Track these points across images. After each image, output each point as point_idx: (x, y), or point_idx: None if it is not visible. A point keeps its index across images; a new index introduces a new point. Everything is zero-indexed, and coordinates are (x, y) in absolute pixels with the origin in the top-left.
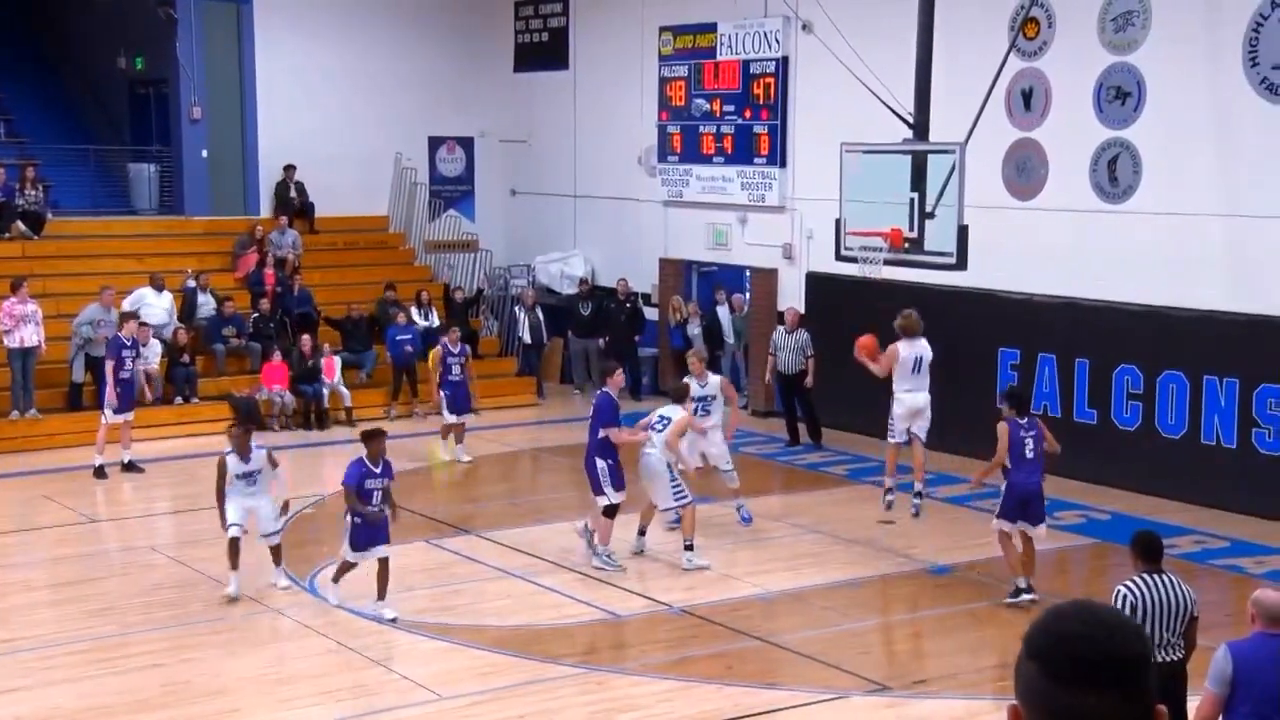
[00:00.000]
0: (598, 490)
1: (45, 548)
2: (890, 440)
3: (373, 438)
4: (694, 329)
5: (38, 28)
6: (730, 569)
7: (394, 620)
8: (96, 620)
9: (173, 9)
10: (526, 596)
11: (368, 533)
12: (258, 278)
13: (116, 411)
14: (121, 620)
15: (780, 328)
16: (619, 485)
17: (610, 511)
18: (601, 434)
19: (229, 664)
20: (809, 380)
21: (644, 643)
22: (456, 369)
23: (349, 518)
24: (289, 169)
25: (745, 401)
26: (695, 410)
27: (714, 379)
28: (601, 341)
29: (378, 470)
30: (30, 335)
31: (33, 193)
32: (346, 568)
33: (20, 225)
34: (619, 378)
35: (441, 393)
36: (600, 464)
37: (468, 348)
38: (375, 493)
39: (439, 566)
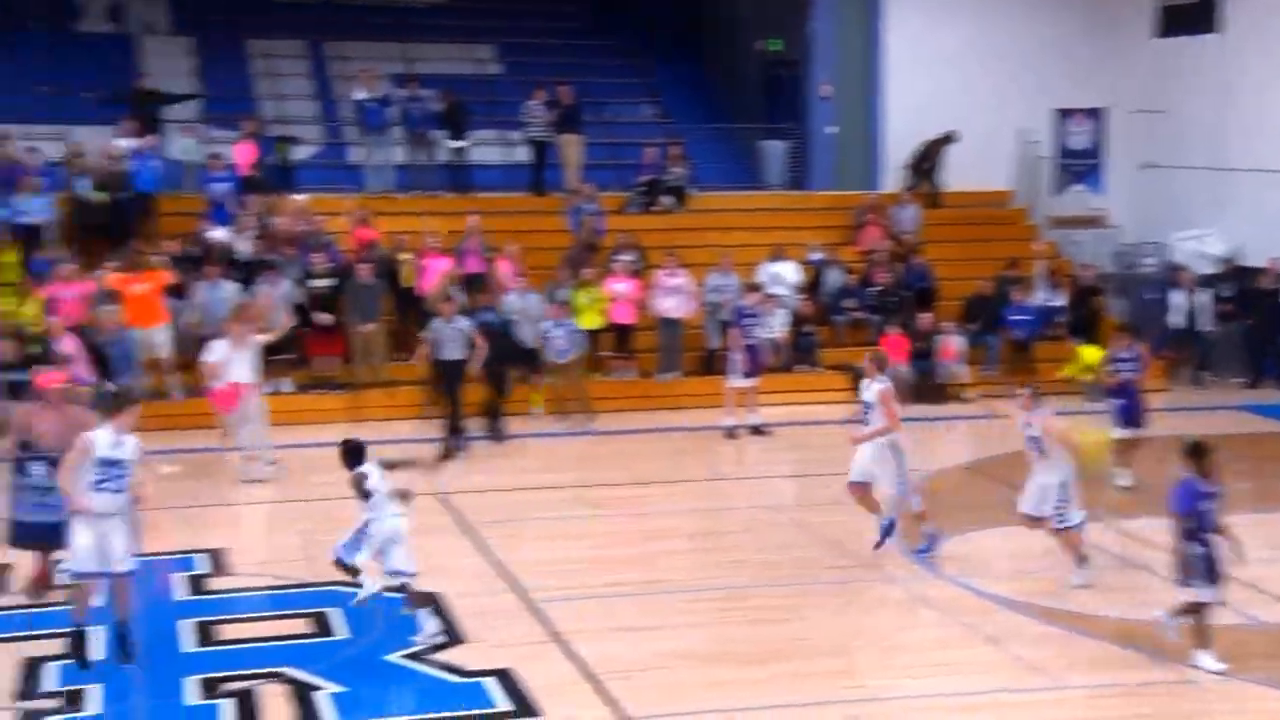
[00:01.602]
0: None
1: (683, 499)
2: None
3: (1202, 453)
4: None
5: (689, 15)
6: None
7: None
8: (727, 571)
9: None
10: (1147, 591)
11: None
12: (878, 253)
13: (744, 376)
14: (749, 573)
15: None
16: None
17: None
18: None
19: (841, 626)
20: None
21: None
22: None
23: (1190, 545)
24: (942, 141)
25: None
26: None
27: None
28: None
29: (1212, 489)
30: (677, 306)
31: (678, 169)
32: (1197, 609)
33: (666, 199)
34: None
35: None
36: None
37: (1139, 349)
38: (1209, 514)
39: (1055, 550)
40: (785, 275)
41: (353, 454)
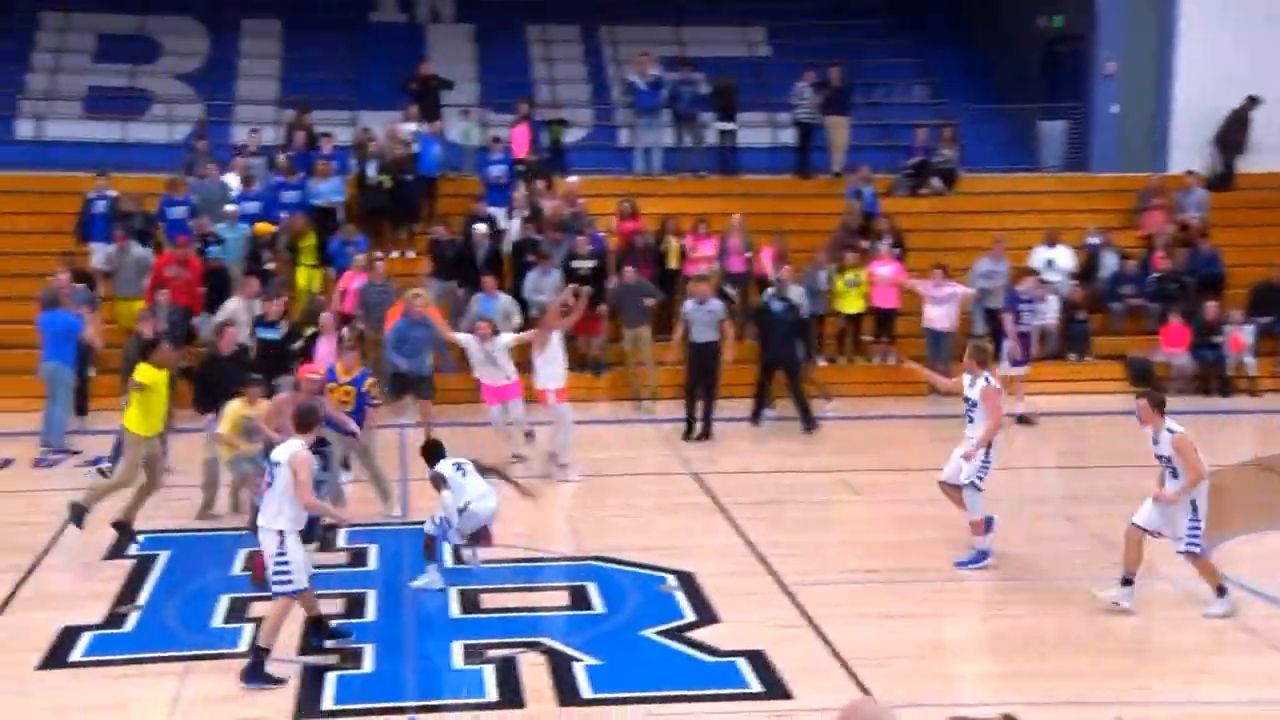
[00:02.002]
0: None
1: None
2: None
3: None
4: None
5: None
6: None
7: None
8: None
9: None
10: None
11: None
12: (1159, 237)
13: (1014, 364)
14: (1010, 566)
15: None
16: None
17: None
18: None
19: (1105, 624)
20: None
21: None
22: None
23: None
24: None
25: None
26: None
27: None
28: None
29: None
30: (944, 316)
31: (948, 151)
32: None
33: (936, 181)
34: None
35: None
36: None
37: None
38: None
39: None
40: (1060, 260)
41: (431, 453)
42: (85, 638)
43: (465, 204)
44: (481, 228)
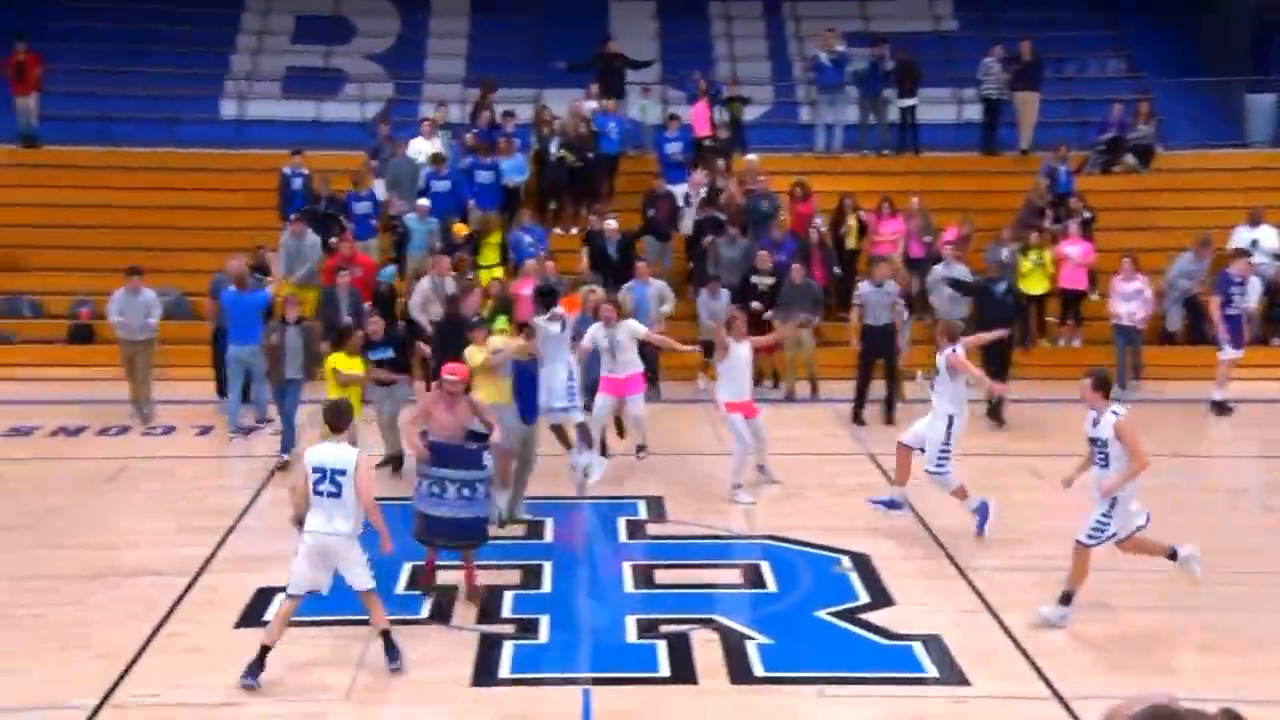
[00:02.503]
0: None
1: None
2: None
3: None
4: None
5: None
6: None
7: None
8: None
9: None
10: None
11: None
12: None
13: (1234, 348)
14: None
15: None
16: None
17: None
18: None
19: None
20: None
21: None
22: None
23: None
24: None
25: None
26: None
27: None
28: None
29: None
30: (1134, 312)
31: (1145, 127)
32: None
33: (1130, 158)
34: None
35: None
36: None
37: None
38: None
39: None
40: (1265, 241)
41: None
42: (278, 599)
43: (645, 181)
44: (612, 223)
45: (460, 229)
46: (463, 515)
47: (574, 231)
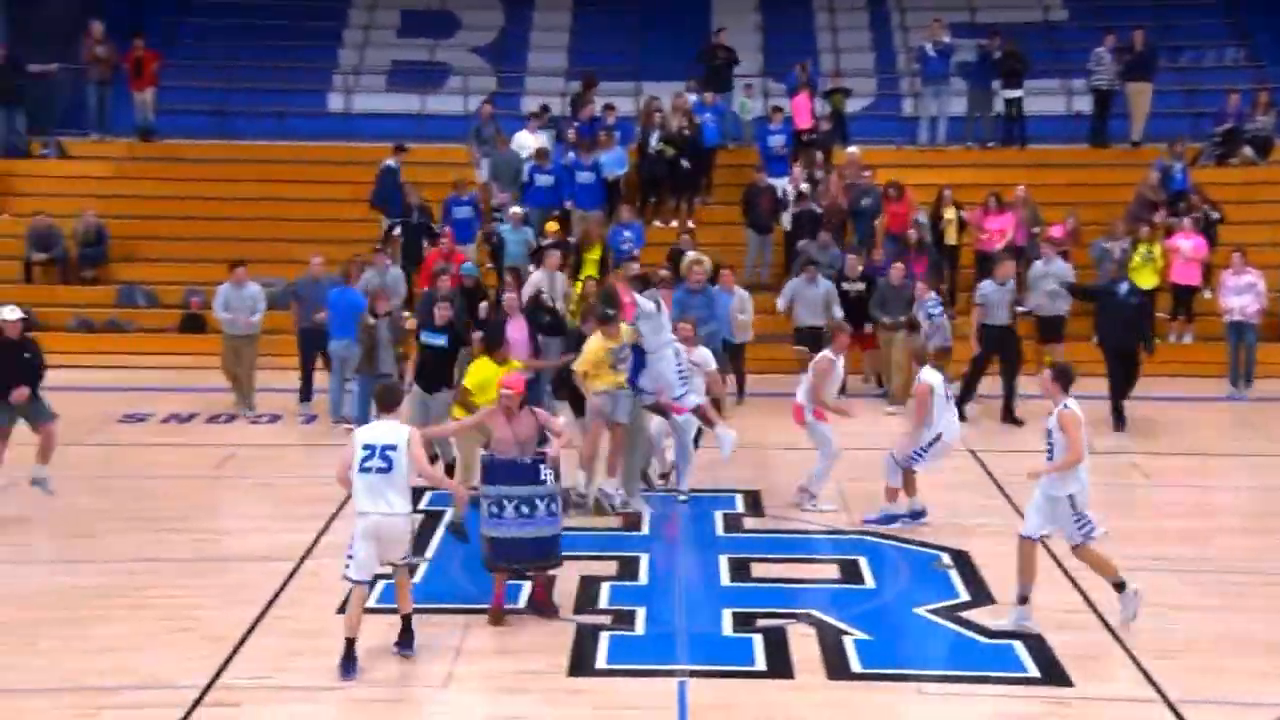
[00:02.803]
0: None
1: (1242, 475)
2: None
3: None
4: None
5: None
6: None
7: None
8: None
9: None
10: None
11: None
12: None
13: None
14: None
15: None
16: None
17: None
18: None
19: None
20: None
21: None
22: None
23: None
24: None
25: None
26: None
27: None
28: None
29: None
30: (1246, 306)
31: (1264, 118)
32: None
33: (1247, 150)
34: None
35: None
36: None
37: None
38: None
39: None
40: None
41: None
42: (379, 586)
43: (745, 175)
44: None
45: (552, 227)
46: (525, 535)
47: (673, 224)
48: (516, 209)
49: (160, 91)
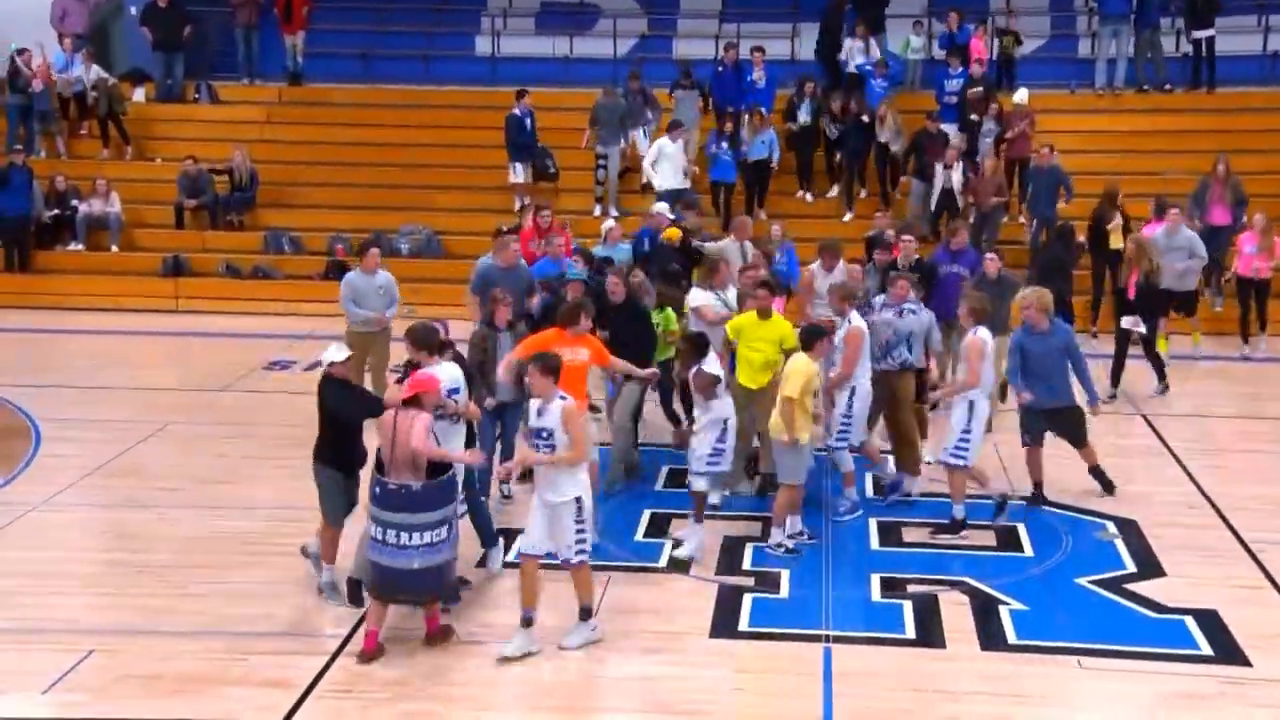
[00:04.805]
0: None
1: None
2: None
3: None
4: None
5: None
6: None
7: None
8: None
9: None
10: None
11: None
12: None
13: None
14: None
15: None
16: None
17: None
18: None
19: None
20: None
21: None
22: None
23: None
24: None
25: None
26: None
27: None
28: None
29: None
30: None
31: None
32: None
33: None
34: None
35: None
36: None
37: None
38: None
39: None
40: None
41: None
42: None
43: (916, 121)
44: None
45: (672, 233)
46: (398, 565)
47: (831, 194)
48: (611, 223)
49: (309, 35)
